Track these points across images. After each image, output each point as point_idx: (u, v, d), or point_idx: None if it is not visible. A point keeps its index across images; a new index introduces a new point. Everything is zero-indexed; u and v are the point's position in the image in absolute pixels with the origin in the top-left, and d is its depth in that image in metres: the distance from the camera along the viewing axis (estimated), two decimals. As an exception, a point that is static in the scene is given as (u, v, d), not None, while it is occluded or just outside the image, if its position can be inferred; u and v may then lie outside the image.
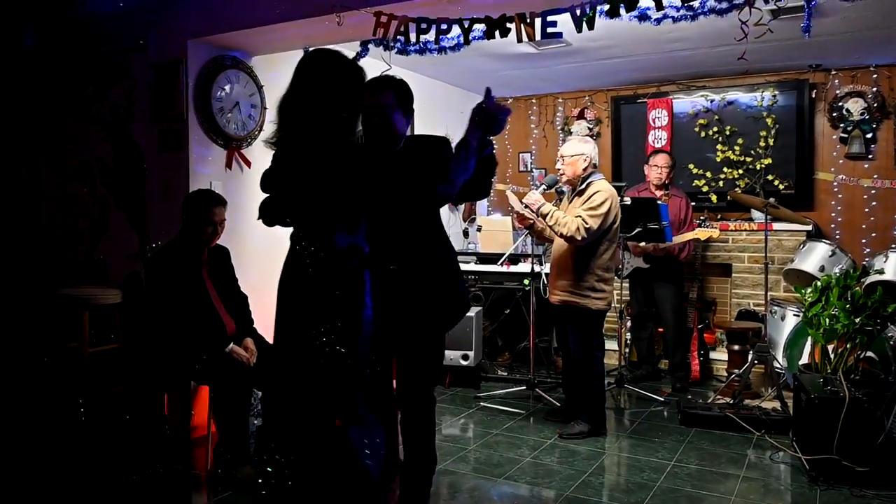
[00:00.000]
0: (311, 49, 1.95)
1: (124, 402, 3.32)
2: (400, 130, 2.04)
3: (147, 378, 3.21)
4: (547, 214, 3.04)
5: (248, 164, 3.48)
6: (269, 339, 2.50)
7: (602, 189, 3.05)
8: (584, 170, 3.12)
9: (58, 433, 3.16)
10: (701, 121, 4.82)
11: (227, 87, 3.37)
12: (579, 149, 3.13)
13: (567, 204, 3.22)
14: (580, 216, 2.98)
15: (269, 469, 1.78)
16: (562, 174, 3.17)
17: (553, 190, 3.33)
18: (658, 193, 4.09)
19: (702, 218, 4.47)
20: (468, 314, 3.89)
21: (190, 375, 2.78)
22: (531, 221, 3.20)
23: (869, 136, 4.46)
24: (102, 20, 3.56)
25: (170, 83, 3.30)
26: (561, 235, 3.02)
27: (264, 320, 2.72)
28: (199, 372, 2.69)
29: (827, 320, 2.89)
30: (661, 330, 4.28)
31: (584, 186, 3.11)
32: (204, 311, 2.71)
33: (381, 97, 2.00)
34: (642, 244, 3.94)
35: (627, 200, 3.73)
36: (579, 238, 2.96)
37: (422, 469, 2.23)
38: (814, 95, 4.56)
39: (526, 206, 3.14)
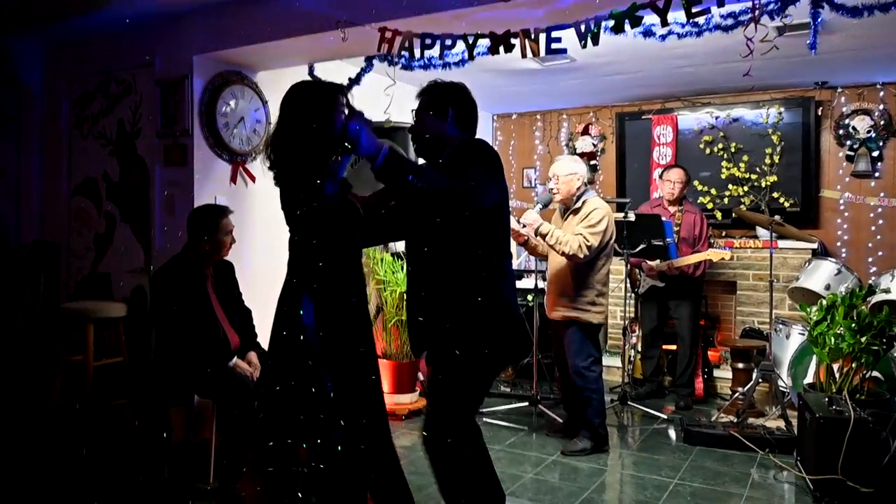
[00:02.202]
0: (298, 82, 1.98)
1: (128, 415, 3.32)
2: (432, 132, 1.98)
3: (151, 392, 3.21)
4: (547, 234, 3.07)
5: (253, 178, 3.50)
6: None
7: (599, 206, 3.12)
8: (578, 188, 3.19)
9: (62, 445, 3.16)
10: (706, 137, 4.82)
11: (233, 103, 3.41)
12: (573, 168, 3.20)
13: (561, 221, 3.27)
14: (581, 234, 3.03)
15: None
16: (555, 193, 3.23)
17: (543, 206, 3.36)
18: (672, 209, 4.07)
19: (710, 236, 4.45)
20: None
21: (194, 389, 2.79)
22: (525, 238, 3.25)
23: (875, 154, 4.45)
24: (109, 36, 3.61)
25: (175, 98, 3.34)
26: (563, 254, 3.06)
27: (268, 335, 2.73)
28: (203, 386, 2.69)
29: (832, 339, 2.88)
30: (668, 347, 4.25)
31: (579, 204, 3.16)
32: (208, 325, 2.71)
33: (419, 102, 2.04)
34: (655, 264, 3.92)
35: (632, 217, 3.72)
36: (581, 256, 3.02)
37: None
38: (820, 113, 4.56)
39: (525, 226, 3.17)
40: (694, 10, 2.36)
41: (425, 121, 1.99)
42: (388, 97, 2.98)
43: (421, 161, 2.11)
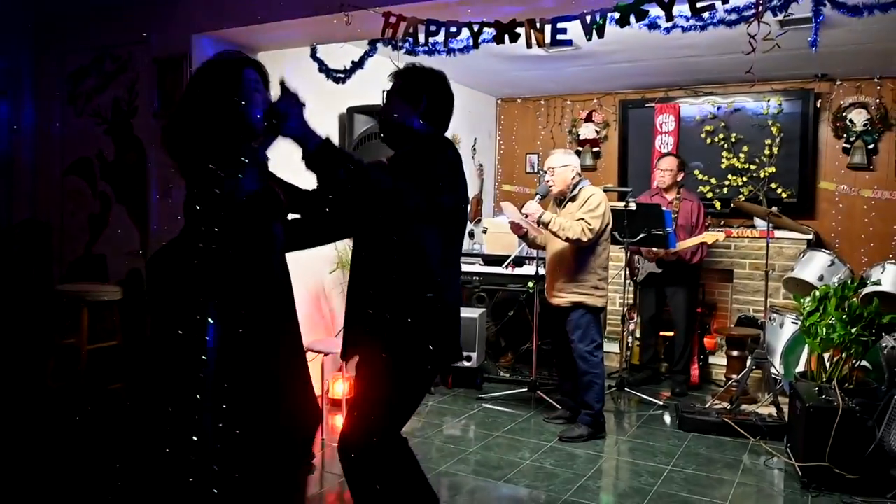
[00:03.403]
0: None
1: (123, 399, 3.31)
2: (396, 117, 1.83)
3: (146, 377, 3.20)
4: (549, 222, 3.14)
5: (253, 161, 3.46)
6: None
7: (595, 192, 3.22)
8: (573, 179, 3.28)
9: (55, 430, 3.16)
10: (707, 127, 4.83)
11: (233, 84, 3.34)
12: (567, 160, 3.30)
13: (559, 210, 3.33)
14: (583, 219, 3.12)
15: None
16: (551, 185, 3.30)
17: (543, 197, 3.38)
18: (669, 197, 4.10)
19: (706, 224, 4.49)
20: (471, 315, 3.91)
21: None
22: (525, 230, 3.33)
23: (871, 147, 4.48)
24: (104, 11, 3.52)
25: (173, 78, 3.27)
26: (567, 239, 3.12)
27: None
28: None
29: (824, 330, 2.93)
30: (665, 334, 4.30)
31: (576, 192, 3.25)
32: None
33: (391, 84, 1.89)
34: (654, 249, 3.97)
35: (633, 206, 3.75)
36: (585, 239, 3.10)
37: None
38: (818, 105, 4.58)
39: (526, 216, 3.22)
40: (699, 5, 2.36)
41: (394, 105, 1.84)
42: (390, 81, 2.94)
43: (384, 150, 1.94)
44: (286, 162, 1.77)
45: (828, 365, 2.98)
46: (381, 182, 1.64)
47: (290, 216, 1.84)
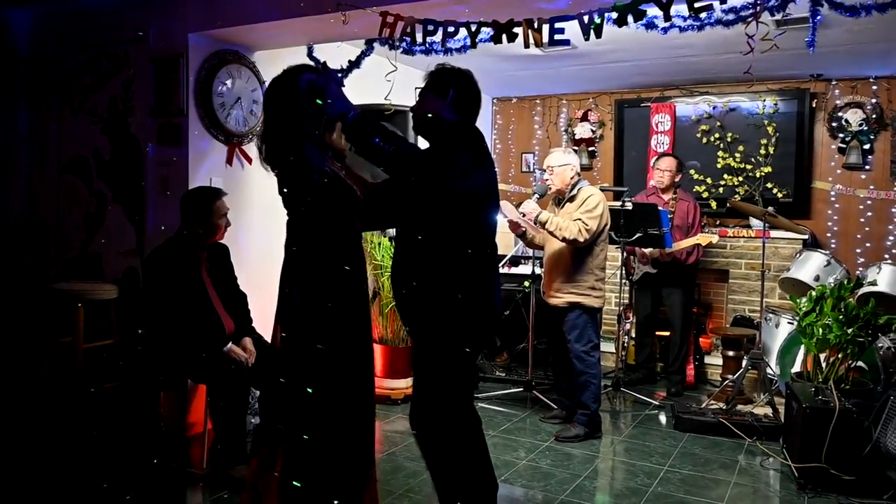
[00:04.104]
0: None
1: (119, 398, 3.31)
2: (430, 110, 2.02)
3: (143, 375, 3.19)
4: (546, 221, 3.14)
5: (249, 160, 3.45)
6: (268, 338, 2.50)
7: (594, 193, 3.23)
8: (572, 178, 3.28)
9: (51, 428, 3.15)
10: (703, 126, 4.83)
11: (229, 82, 3.34)
12: (565, 159, 3.30)
13: (558, 210, 3.33)
14: (580, 219, 3.12)
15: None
16: (550, 184, 3.30)
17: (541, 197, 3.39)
18: (665, 197, 4.10)
19: (702, 224, 4.50)
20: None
21: (187, 374, 2.77)
22: (523, 230, 3.33)
23: (866, 147, 4.49)
24: (101, 9, 3.51)
25: (170, 76, 3.26)
26: (563, 239, 3.13)
27: (263, 319, 2.72)
28: (197, 371, 2.68)
29: (820, 330, 2.94)
30: (661, 334, 4.31)
31: (574, 192, 3.25)
32: (203, 309, 2.69)
33: (424, 82, 2.08)
34: (649, 251, 3.97)
35: (629, 205, 3.75)
36: (581, 239, 3.10)
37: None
38: (814, 105, 4.59)
39: (524, 215, 3.21)
40: (697, 4, 2.36)
41: (425, 99, 2.03)
42: (388, 81, 2.94)
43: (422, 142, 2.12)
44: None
45: (824, 365, 2.99)
46: (412, 149, 1.88)
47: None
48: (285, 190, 1.88)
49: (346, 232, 1.92)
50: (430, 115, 1.99)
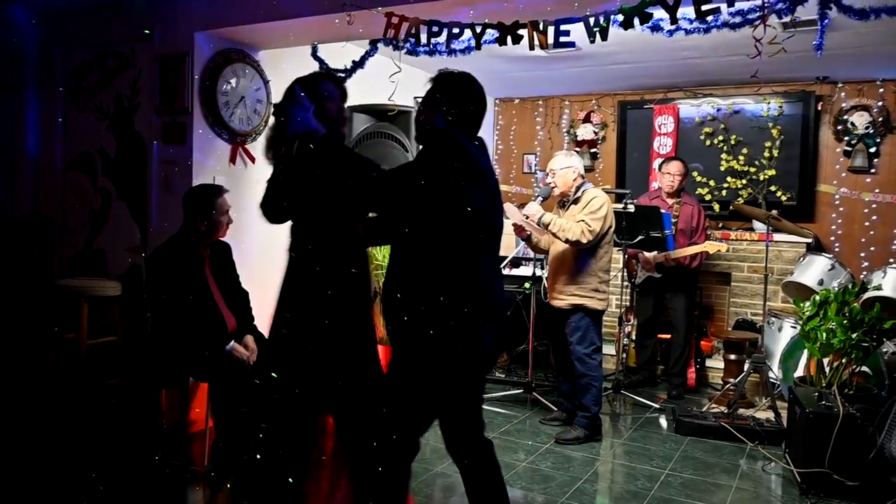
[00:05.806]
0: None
1: (121, 395, 3.32)
2: (423, 120, 1.93)
3: (145, 373, 3.20)
4: (549, 223, 3.14)
5: (253, 159, 3.46)
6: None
7: (598, 195, 3.22)
8: (575, 181, 3.27)
9: (54, 424, 3.16)
10: (707, 129, 4.81)
11: (234, 81, 3.35)
12: (568, 162, 3.28)
13: (562, 213, 3.32)
14: (583, 220, 3.12)
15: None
16: (553, 187, 3.30)
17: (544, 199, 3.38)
18: (670, 201, 4.08)
19: (706, 227, 4.48)
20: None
21: (189, 372, 2.78)
22: (528, 233, 3.33)
23: (872, 150, 4.47)
24: (107, 7, 3.52)
25: (175, 75, 3.27)
26: (567, 240, 3.13)
27: (265, 317, 2.72)
28: (199, 369, 2.69)
29: (824, 334, 2.92)
30: (662, 336, 4.29)
31: (579, 194, 3.25)
32: (205, 307, 2.69)
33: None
34: (652, 255, 3.95)
35: (632, 208, 3.74)
36: (584, 241, 3.10)
37: None
38: (819, 107, 4.56)
39: (527, 218, 3.21)
40: (704, 7, 2.35)
41: (420, 108, 1.98)
42: (392, 82, 2.94)
43: None
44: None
45: (827, 370, 2.97)
46: (374, 172, 1.70)
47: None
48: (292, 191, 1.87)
49: (348, 233, 1.91)
50: (424, 125, 1.92)
